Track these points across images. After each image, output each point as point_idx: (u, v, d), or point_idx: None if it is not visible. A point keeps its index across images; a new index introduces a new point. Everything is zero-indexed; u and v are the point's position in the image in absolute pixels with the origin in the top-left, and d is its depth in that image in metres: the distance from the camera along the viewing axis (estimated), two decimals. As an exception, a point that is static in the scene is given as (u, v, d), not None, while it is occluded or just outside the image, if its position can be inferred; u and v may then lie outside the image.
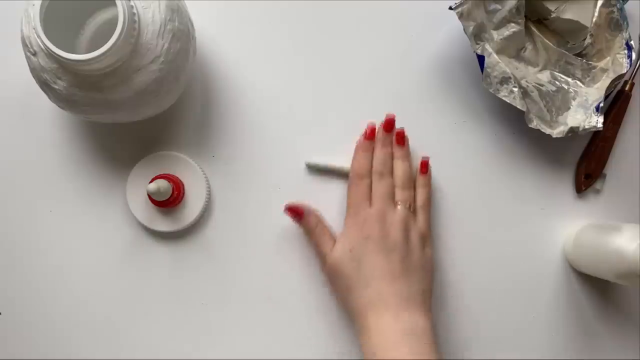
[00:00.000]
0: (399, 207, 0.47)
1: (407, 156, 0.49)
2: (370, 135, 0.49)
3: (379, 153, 0.48)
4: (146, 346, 0.51)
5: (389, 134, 0.49)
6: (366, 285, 0.44)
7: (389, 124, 0.49)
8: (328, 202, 0.50)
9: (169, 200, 0.47)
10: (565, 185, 0.52)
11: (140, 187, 0.49)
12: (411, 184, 0.48)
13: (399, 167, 0.48)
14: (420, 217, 0.48)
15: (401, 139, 0.49)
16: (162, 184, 0.45)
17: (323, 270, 0.48)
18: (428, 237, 0.48)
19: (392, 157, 0.49)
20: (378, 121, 0.50)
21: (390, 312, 0.43)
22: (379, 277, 0.44)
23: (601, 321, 0.51)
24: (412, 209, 0.47)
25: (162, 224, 0.49)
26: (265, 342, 0.50)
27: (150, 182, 0.44)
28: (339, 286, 0.46)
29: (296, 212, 0.48)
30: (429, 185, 0.49)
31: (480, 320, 0.51)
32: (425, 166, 0.49)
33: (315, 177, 0.51)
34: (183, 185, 0.49)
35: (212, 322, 0.50)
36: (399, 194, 0.48)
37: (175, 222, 0.49)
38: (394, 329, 0.42)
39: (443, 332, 0.51)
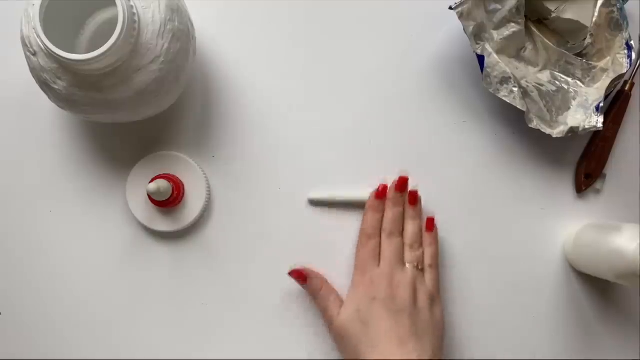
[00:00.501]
0: (407, 267, 0.46)
1: (419, 216, 0.49)
2: (381, 193, 0.49)
3: (390, 212, 0.48)
4: (146, 346, 0.51)
5: (402, 194, 0.49)
6: (374, 348, 0.43)
7: (402, 184, 0.48)
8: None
9: (169, 200, 0.47)
10: (565, 185, 0.52)
11: (140, 187, 0.49)
12: (421, 245, 0.48)
13: (410, 227, 0.48)
14: (429, 276, 0.47)
15: (414, 199, 0.48)
16: (162, 184, 0.45)
17: (330, 332, 0.47)
18: (437, 297, 0.47)
19: (402, 217, 0.48)
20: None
21: None
22: (387, 340, 0.43)
23: (601, 321, 0.51)
24: (421, 269, 0.47)
25: (162, 224, 0.49)
26: (265, 342, 0.50)
27: (150, 182, 0.44)
28: (346, 348, 0.45)
29: (300, 276, 0.48)
30: (436, 243, 0.48)
31: (480, 320, 0.51)
32: (431, 224, 0.49)
33: (315, 178, 0.51)
34: (183, 185, 0.49)
35: (212, 322, 0.50)
36: (408, 254, 0.47)
37: (175, 222, 0.49)
38: None
39: (452, 332, 0.50)
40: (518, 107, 0.47)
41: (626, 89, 0.51)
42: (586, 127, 0.48)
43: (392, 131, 0.51)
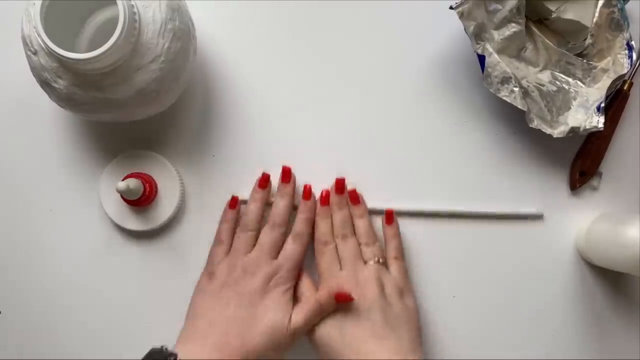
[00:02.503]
0: (369, 264, 0.47)
1: (365, 213, 0.49)
2: (324, 201, 0.49)
3: (337, 216, 0.48)
4: (146, 346, 0.50)
5: (343, 196, 0.49)
6: (355, 352, 0.43)
7: (340, 187, 0.49)
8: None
9: (140, 199, 0.47)
10: (566, 184, 0.52)
11: (114, 185, 0.48)
12: (375, 239, 0.48)
13: (360, 226, 0.48)
14: (395, 268, 0.47)
15: (355, 198, 0.49)
16: (133, 182, 0.45)
17: (310, 341, 0.47)
18: (407, 288, 0.47)
19: (350, 218, 0.49)
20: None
21: None
22: (366, 340, 0.43)
23: (615, 317, 0.51)
24: (382, 262, 0.47)
25: (134, 223, 0.49)
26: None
27: (122, 180, 0.45)
28: (328, 356, 0.45)
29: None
30: (398, 235, 0.49)
31: (487, 320, 0.51)
32: (390, 217, 0.49)
33: (315, 178, 0.51)
34: (156, 184, 0.49)
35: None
36: (366, 251, 0.48)
37: (149, 222, 0.49)
38: None
39: (452, 332, 0.51)
40: (519, 107, 0.47)
41: (624, 88, 0.51)
42: (587, 127, 0.48)
43: (393, 131, 0.51)
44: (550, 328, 0.51)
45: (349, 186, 0.49)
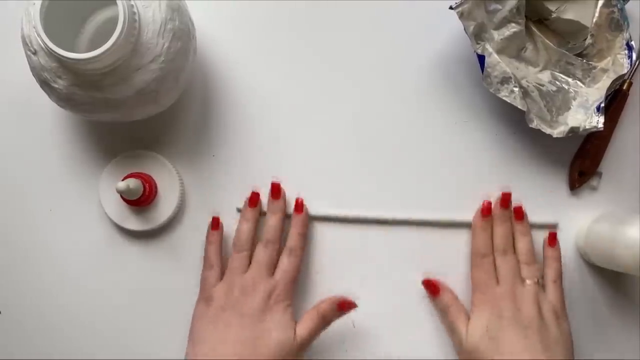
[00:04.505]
0: (527, 282, 0.47)
1: (528, 231, 0.49)
2: (486, 212, 0.49)
3: (500, 230, 0.48)
4: (147, 346, 0.51)
5: (507, 210, 0.49)
6: None
7: (506, 200, 0.49)
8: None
9: (140, 199, 0.47)
10: (566, 184, 0.52)
11: (113, 185, 0.47)
12: (535, 259, 0.48)
13: (522, 243, 0.48)
14: (553, 292, 0.47)
15: (521, 214, 0.49)
16: (132, 182, 0.45)
17: (459, 351, 0.47)
18: (563, 312, 0.47)
19: (512, 233, 0.48)
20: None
21: None
22: (521, 355, 0.43)
23: (615, 317, 0.51)
24: (541, 284, 0.47)
25: (134, 223, 0.49)
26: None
27: (122, 180, 0.45)
28: None
29: (434, 288, 0.49)
30: (560, 258, 0.48)
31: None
32: (554, 239, 0.49)
33: (314, 178, 0.51)
34: (156, 184, 0.49)
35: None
36: (525, 270, 0.47)
37: (149, 221, 0.49)
38: None
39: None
40: (518, 107, 0.47)
41: (624, 88, 0.51)
42: (587, 127, 0.48)
43: (393, 131, 0.51)
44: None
45: (515, 202, 0.49)
